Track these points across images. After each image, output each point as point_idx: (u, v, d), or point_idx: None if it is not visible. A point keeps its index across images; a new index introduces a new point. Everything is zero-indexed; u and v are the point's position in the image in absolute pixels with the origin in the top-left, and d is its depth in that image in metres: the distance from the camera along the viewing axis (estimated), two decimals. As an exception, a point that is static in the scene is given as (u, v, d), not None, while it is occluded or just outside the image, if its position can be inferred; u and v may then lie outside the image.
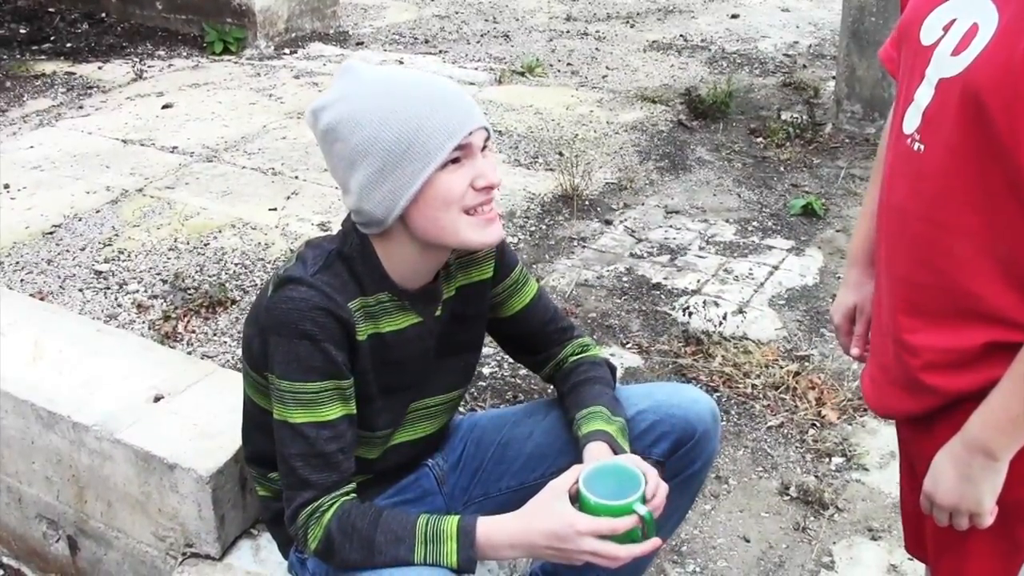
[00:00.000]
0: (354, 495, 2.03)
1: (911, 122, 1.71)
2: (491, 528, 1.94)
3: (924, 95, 1.68)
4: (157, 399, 2.76)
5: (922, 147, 1.68)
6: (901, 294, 1.80)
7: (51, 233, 5.00)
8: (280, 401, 1.99)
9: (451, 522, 1.95)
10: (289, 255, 2.18)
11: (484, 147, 2.03)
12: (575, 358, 2.40)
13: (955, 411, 1.75)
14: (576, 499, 1.95)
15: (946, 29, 1.66)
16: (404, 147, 1.93)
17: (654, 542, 1.96)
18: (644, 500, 1.94)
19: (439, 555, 1.93)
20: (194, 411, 2.70)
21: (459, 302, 2.25)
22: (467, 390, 2.53)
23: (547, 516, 1.92)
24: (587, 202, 5.37)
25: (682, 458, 2.30)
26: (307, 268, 2.01)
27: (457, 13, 9.43)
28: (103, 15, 8.90)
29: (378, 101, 1.95)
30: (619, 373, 3.89)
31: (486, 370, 3.86)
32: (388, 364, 2.10)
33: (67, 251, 4.83)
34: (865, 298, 2.15)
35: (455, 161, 1.97)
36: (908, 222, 1.74)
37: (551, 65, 7.81)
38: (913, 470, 1.99)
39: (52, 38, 8.39)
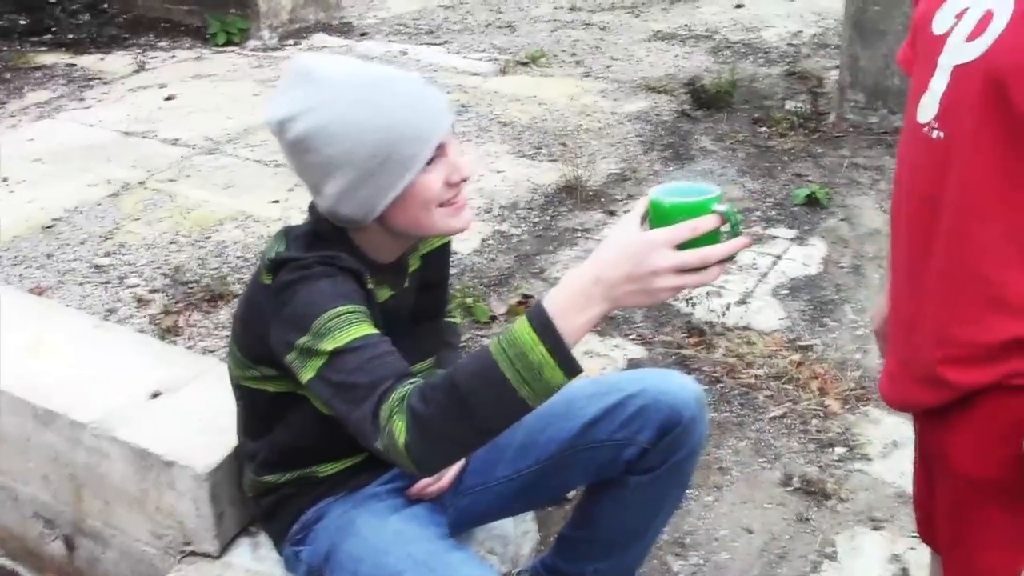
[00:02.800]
0: (420, 380, 1.80)
1: (927, 110, 1.69)
2: (560, 295, 1.63)
3: (939, 83, 1.67)
4: (155, 395, 2.73)
5: (942, 134, 1.67)
6: (934, 286, 1.77)
7: (51, 227, 5.00)
8: (316, 343, 1.86)
9: (521, 324, 1.64)
10: (267, 243, 2.14)
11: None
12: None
13: (971, 404, 1.75)
14: (647, 218, 1.65)
15: (959, 17, 1.65)
16: (382, 157, 1.91)
17: (742, 240, 1.62)
18: (722, 202, 1.63)
19: (532, 366, 1.63)
20: (193, 407, 2.68)
21: (425, 270, 2.27)
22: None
23: (616, 245, 1.61)
24: (590, 193, 5.35)
25: (668, 445, 2.29)
26: (299, 248, 2.00)
27: (462, 3, 9.42)
28: (105, 6, 8.89)
29: (351, 111, 1.92)
30: (622, 364, 3.89)
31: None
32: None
33: (67, 245, 4.82)
34: None
35: (430, 162, 1.96)
36: (941, 211, 1.72)
37: (555, 55, 7.80)
38: (927, 460, 1.97)
39: (53, 29, 8.38)
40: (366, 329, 1.87)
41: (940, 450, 1.85)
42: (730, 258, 1.60)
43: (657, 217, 1.61)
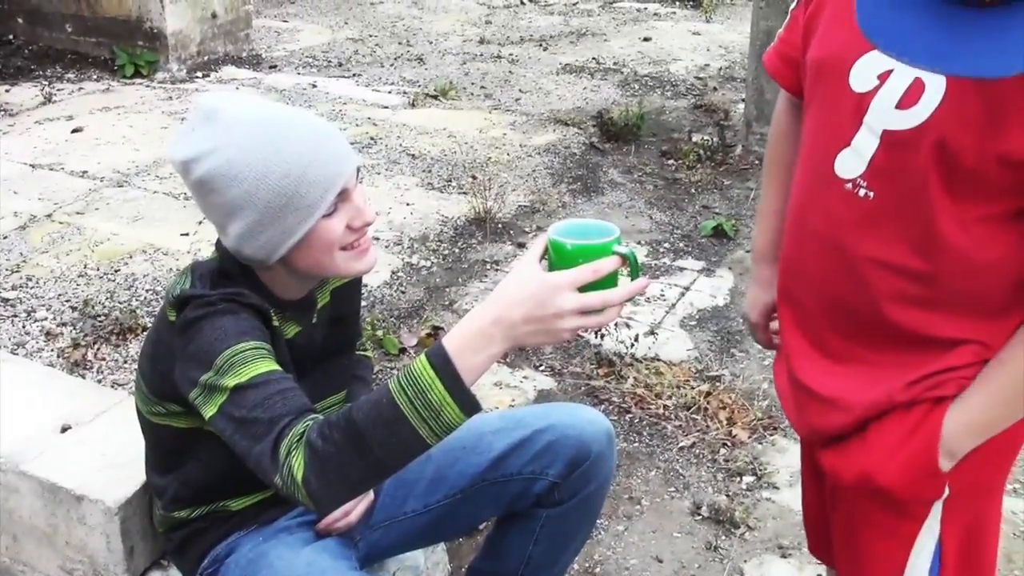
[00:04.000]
0: (320, 417, 1.78)
1: (851, 167, 1.74)
2: (460, 334, 1.64)
3: (867, 143, 1.71)
4: (64, 429, 2.72)
5: (871, 194, 1.72)
6: (830, 316, 1.85)
7: (-43, 260, 4.92)
8: (219, 379, 1.86)
9: (420, 362, 1.65)
10: (173, 279, 2.13)
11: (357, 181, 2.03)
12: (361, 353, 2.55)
13: (867, 426, 1.85)
14: (547, 256, 1.67)
15: (882, 79, 1.69)
16: (283, 201, 1.91)
17: (643, 282, 1.65)
18: (621, 243, 1.65)
19: (431, 405, 1.63)
20: (102, 441, 2.66)
21: (334, 305, 2.28)
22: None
23: (518, 286, 1.62)
24: (500, 225, 5.40)
25: (578, 479, 2.33)
26: (204, 285, 2.00)
27: (371, 36, 9.44)
28: (11, 37, 8.78)
29: (253, 153, 1.92)
30: (532, 396, 3.92)
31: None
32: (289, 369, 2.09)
33: (-27, 278, 4.75)
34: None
35: (334, 206, 1.97)
36: (850, 259, 1.78)
37: (464, 88, 7.85)
38: (816, 474, 2.06)
39: (-42, 61, 8.26)
40: (268, 365, 1.88)
41: (832, 466, 1.93)
42: (629, 299, 1.64)
43: (559, 258, 1.64)
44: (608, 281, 1.62)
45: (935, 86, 1.62)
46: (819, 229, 1.83)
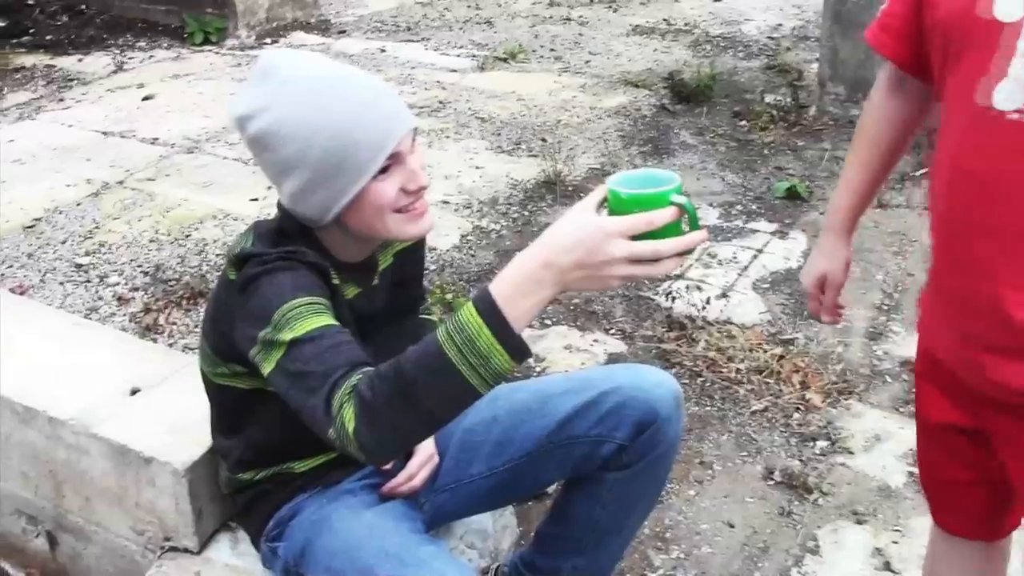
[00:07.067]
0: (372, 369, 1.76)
1: (1011, 97, 1.68)
2: (508, 279, 1.61)
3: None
4: (134, 392, 2.73)
5: None
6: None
7: (32, 227, 4.98)
8: (276, 334, 1.85)
9: (467, 309, 1.61)
10: (235, 238, 2.13)
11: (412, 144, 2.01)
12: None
13: None
14: (604, 208, 1.63)
15: None
16: (334, 162, 1.91)
17: (699, 234, 1.60)
18: (681, 192, 1.60)
19: (479, 352, 1.60)
20: (171, 404, 2.67)
21: (397, 268, 2.27)
22: None
23: (569, 231, 1.57)
24: (570, 188, 5.35)
25: (645, 442, 2.28)
26: (264, 244, 2.00)
27: (439, 0, 9.40)
28: (83, 7, 8.87)
29: (305, 112, 1.91)
30: (602, 359, 3.89)
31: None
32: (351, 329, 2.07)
33: (48, 244, 4.80)
34: (837, 267, 2.22)
35: (385, 169, 1.95)
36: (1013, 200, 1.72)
37: (534, 51, 7.80)
38: (973, 439, 1.99)
39: (32, 31, 8.36)
40: (325, 320, 1.86)
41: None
42: (687, 251, 1.59)
43: (615, 208, 1.60)
44: (669, 231, 1.57)
45: None
46: (975, 168, 1.76)
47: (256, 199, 5.19)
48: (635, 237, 1.55)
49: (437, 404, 1.66)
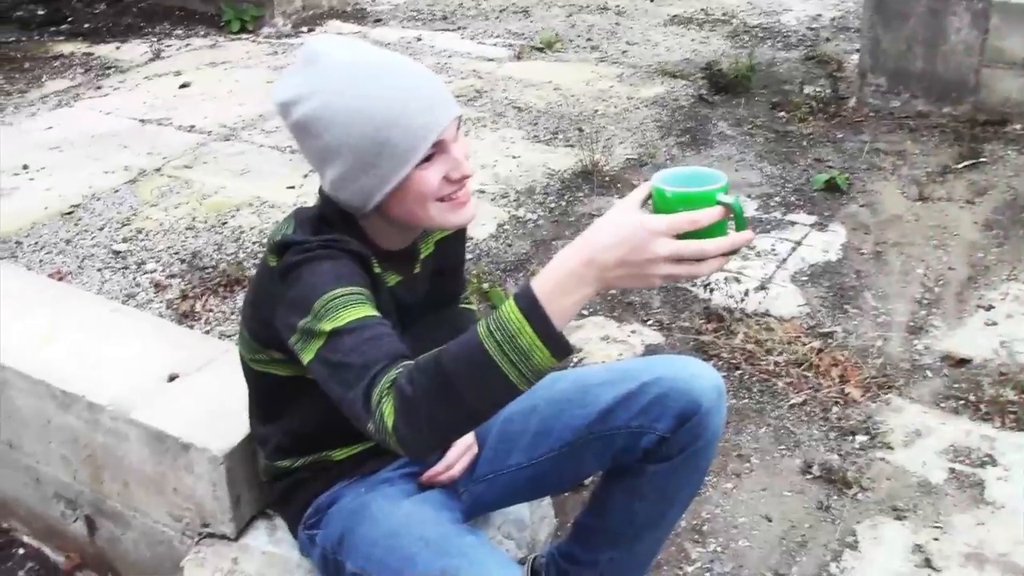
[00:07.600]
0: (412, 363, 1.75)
1: None
2: (550, 275, 1.62)
3: None
4: (172, 379, 2.73)
5: None
6: None
7: (70, 213, 5.00)
8: (316, 324, 1.85)
9: (508, 306, 1.62)
10: (276, 225, 2.13)
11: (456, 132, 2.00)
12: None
13: None
14: (651, 205, 1.63)
15: None
16: (376, 149, 1.90)
17: (745, 235, 1.60)
18: (727, 192, 1.60)
19: (521, 349, 1.60)
20: (209, 390, 2.68)
21: (438, 256, 2.27)
22: None
23: (613, 226, 1.59)
24: (607, 178, 5.33)
25: (686, 434, 2.25)
26: (305, 231, 2.00)
27: (476, -11, 9.40)
28: (121, -5, 8.91)
29: (347, 98, 1.91)
30: (640, 350, 3.87)
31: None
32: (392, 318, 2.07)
33: (85, 231, 4.82)
34: None
35: (429, 157, 1.94)
36: None
37: (571, 40, 7.77)
38: None
39: (70, 19, 8.41)
40: (366, 311, 1.86)
41: None
42: (733, 252, 1.58)
43: (660, 207, 1.59)
44: (714, 230, 1.56)
45: None
46: None
47: (292, 187, 5.19)
48: (679, 236, 1.55)
49: (477, 400, 1.66)
